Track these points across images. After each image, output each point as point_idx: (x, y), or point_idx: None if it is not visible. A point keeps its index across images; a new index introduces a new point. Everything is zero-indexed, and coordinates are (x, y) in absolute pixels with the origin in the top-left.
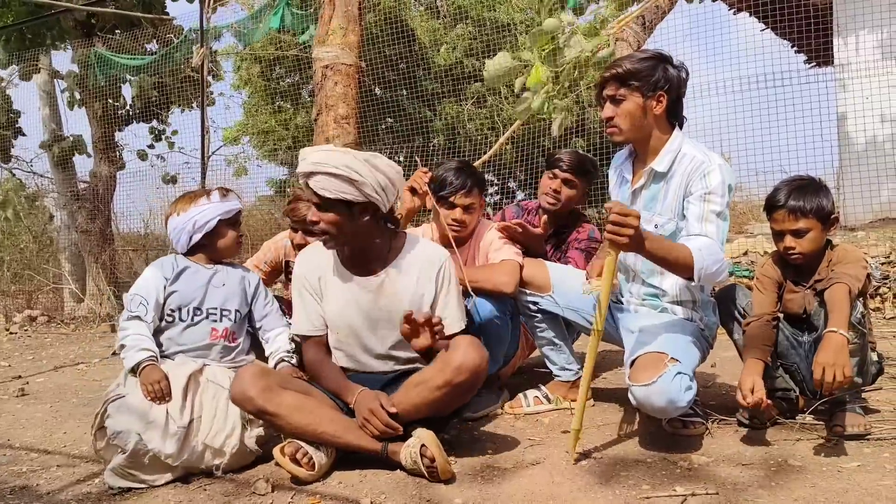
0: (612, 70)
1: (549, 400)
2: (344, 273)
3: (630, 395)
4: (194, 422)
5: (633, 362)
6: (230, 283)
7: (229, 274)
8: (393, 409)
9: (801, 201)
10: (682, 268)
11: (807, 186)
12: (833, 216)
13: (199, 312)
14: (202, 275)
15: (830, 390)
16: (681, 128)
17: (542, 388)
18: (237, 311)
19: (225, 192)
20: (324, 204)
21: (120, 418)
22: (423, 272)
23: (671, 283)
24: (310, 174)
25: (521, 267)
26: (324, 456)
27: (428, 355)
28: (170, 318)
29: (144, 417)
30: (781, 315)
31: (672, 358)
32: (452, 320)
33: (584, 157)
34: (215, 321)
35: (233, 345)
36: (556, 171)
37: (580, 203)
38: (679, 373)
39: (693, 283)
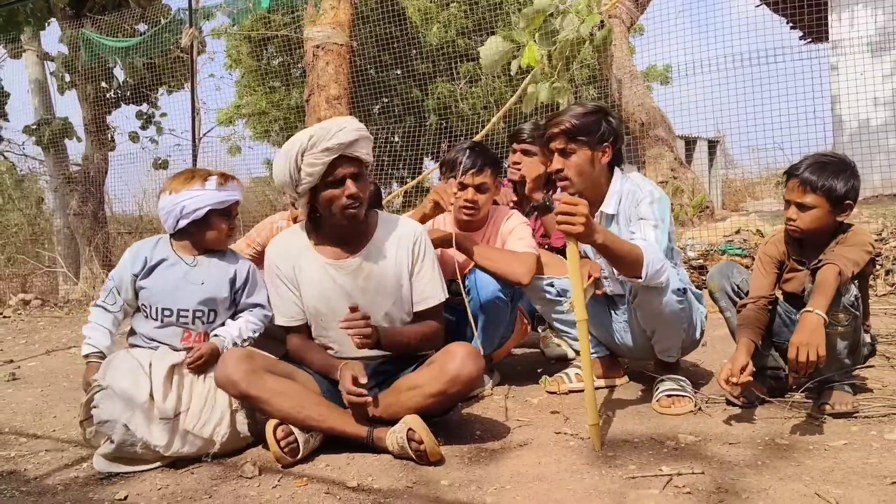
0: (559, 126)
1: None
2: (319, 257)
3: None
4: (182, 414)
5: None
6: (210, 279)
7: (213, 268)
8: (364, 380)
9: (815, 176)
10: (632, 261)
11: (829, 164)
12: (846, 202)
13: (167, 314)
14: (178, 270)
15: (805, 370)
16: (620, 167)
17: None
18: (213, 311)
19: (224, 179)
20: (362, 172)
21: (106, 407)
22: (400, 247)
23: None
24: (355, 141)
25: (539, 261)
26: (308, 440)
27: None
28: (144, 312)
29: (129, 406)
30: (781, 295)
31: None
32: (432, 292)
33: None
34: (186, 324)
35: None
36: (515, 143)
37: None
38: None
39: (640, 281)
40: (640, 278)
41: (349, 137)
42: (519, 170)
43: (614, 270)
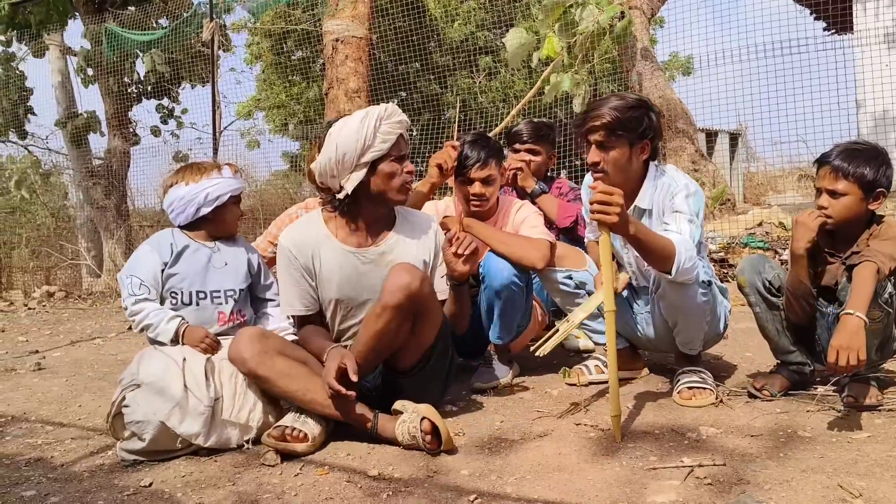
0: (600, 119)
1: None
2: (339, 246)
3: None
4: (217, 402)
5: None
6: (232, 262)
7: (231, 253)
8: (352, 373)
9: (847, 163)
10: (665, 256)
11: (861, 151)
12: (879, 189)
13: (202, 296)
14: (202, 254)
15: (844, 373)
16: (654, 161)
17: (601, 357)
18: (242, 290)
19: (234, 169)
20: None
21: (138, 407)
22: (421, 237)
23: None
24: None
25: (553, 248)
26: (317, 425)
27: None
28: (172, 301)
29: (165, 401)
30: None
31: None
32: (443, 287)
33: (538, 124)
34: (220, 304)
35: (241, 321)
36: (517, 144)
37: (549, 166)
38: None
39: (670, 277)
40: (670, 274)
41: (407, 119)
42: (521, 169)
43: (644, 263)
